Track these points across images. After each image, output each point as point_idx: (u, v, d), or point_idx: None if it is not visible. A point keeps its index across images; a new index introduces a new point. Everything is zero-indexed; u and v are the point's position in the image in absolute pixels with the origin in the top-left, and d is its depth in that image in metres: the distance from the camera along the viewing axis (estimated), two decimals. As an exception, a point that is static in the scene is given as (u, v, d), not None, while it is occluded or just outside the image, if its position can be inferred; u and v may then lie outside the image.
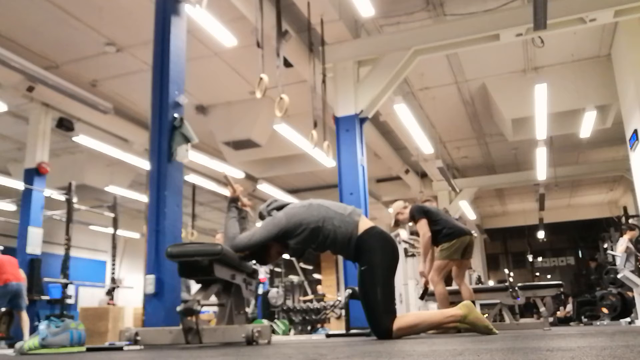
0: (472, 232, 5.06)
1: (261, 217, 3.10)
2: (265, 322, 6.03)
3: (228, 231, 3.09)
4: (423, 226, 4.76)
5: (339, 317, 8.73)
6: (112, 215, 9.50)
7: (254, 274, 3.53)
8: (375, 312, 2.80)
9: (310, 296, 11.58)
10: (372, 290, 2.81)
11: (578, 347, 1.45)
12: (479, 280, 9.51)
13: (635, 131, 7.12)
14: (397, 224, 5.19)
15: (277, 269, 12.27)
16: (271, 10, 5.71)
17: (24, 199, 8.12)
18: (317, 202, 2.99)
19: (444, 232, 4.79)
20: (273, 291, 8.64)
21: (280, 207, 3.03)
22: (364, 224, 2.94)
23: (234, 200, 3.28)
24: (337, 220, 2.90)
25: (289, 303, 9.77)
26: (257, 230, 2.97)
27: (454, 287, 5.20)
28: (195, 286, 3.56)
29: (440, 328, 3.18)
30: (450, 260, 4.80)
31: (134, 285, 11.54)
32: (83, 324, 2.95)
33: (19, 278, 6.84)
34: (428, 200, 5.93)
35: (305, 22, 6.51)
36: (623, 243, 8.51)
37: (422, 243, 4.81)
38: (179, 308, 2.86)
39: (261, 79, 4.97)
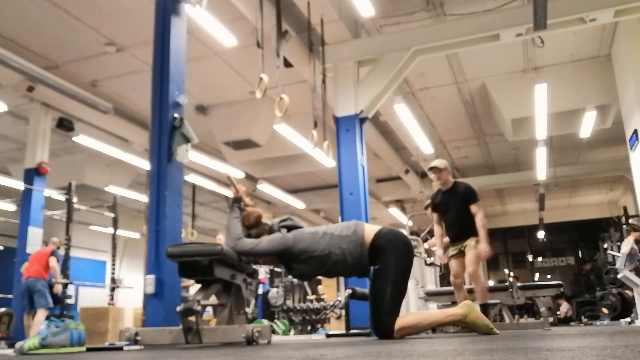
0: None
1: (270, 230, 3.12)
2: (265, 322, 6.03)
3: (231, 231, 3.09)
4: (481, 208, 4.93)
5: (339, 317, 8.73)
6: (112, 215, 9.51)
7: (254, 274, 3.54)
8: (380, 311, 2.80)
9: (312, 296, 11.58)
10: (382, 289, 2.81)
11: (578, 347, 1.45)
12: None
13: (635, 131, 7.11)
14: (439, 177, 5.12)
15: (277, 269, 12.26)
16: (271, 10, 5.70)
17: (24, 199, 8.12)
18: (323, 229, 3.00)
19: None
20: (273, 291, 8.63)
21: (290, 227, 3.06)
22: (370, 231, 2.96)
23: (237, 201, 3.29)
24: (345, 243, 2.91)
25: (289, 303, 9.77)
26: (263, 241, 3.00)
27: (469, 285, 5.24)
28: (194, 286, 3.56)
29: (440, 325, 3.20)
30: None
31: (134, 285, 11.56)
32: (83, 324, 2.96)
33: (35, 273, 6.82)
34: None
35: (305, 22, 6.51)
36: (628, 244, 8.47)
37: (483, 224, 4.85)
38: (179, 308, 2.87)
39: (261, 79, 4.97)
